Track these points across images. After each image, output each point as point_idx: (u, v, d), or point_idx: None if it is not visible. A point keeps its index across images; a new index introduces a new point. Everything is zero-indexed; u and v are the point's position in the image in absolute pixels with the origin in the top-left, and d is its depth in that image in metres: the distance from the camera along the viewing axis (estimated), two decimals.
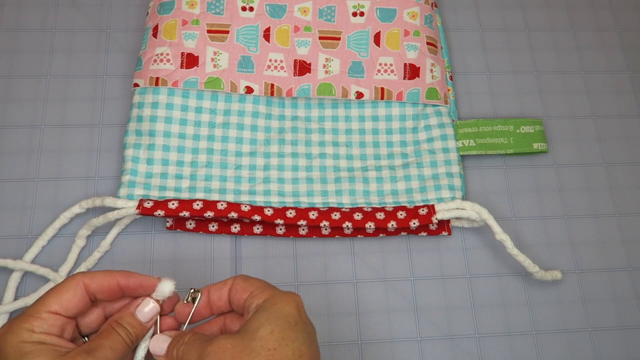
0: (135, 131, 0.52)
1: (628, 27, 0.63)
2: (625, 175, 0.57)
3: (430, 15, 0.58)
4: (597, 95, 0.60)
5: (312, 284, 0.51)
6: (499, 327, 0.51)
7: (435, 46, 0.57)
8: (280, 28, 0.56)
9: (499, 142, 0.55)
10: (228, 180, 0.52)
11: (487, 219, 0.50)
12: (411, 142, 0.54)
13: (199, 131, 0.53)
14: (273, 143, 0.54)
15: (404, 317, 0.50)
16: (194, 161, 0.52)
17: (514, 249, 0.49)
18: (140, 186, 0.51)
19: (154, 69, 0.54)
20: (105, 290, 0.36)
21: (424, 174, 0.53)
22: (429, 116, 0.55)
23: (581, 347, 0.50)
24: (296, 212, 0.50)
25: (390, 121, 0.55)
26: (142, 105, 0.53)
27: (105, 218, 0.49)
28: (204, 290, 0.38)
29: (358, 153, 0.54)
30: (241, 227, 0.51)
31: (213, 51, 0.55)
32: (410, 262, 0.52)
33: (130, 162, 0.51)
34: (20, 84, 0.56)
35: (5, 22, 0.58)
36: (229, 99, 0.54)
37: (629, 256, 0.54)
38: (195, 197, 0.50)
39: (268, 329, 0.33)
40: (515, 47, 0.61)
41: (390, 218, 0.50)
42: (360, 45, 0.56)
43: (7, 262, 0.48)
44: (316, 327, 0.50)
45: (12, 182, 0.53)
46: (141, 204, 0.48)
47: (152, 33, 0.55)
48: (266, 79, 0.55)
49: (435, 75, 0.56)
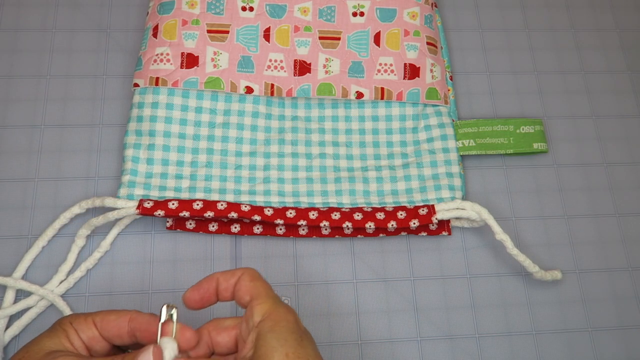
0: (135, 131, 0.53)
1: (628, 27, 0.63)
2: (625, 175, 0.57)
3: (430, 15, 0.58)
4: (597, 95, 0.60)
5: (312, 284, 0.51)
6: (499, 327, 0.51)
7: (435, 46, 0.57)
8: (280, 28, 0.56)
9: (499, 142, 0.55)
10: (228, 180, 0.52)
11: (487, 218, 0.50)
12: (411, 142, 0.54)
13: (199, 131, 0.53)
14: (273, 143, 0.54)
15: (404, 317, 0.50)
16: (194, 161, 0.52)
17: (514, 249, 0.49)
18: (140, 186, 0.51)
19: (154, 69, 0.54)
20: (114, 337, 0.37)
21: (424, 174, 0.53)
22: (429, 116, 0.55)
23: (581, 347, 0.50)
24: (296, 212, 0.50)
25: (390, 121, 0.55)
26: (142, 105, 0.53)
27: (105, 218, 0.49)
28: (213, 278, 0.38)
29: (358, 153, 0.54)
30: (241, 227, 0.52)
31: (213, 51, 0.55)
32: (410, 262, 0.52)
33: (130, 162, 0.51)
34: (20, 84, 0.56)
35: (5, 22, 0.58)
36: (229, 99, 0.54)
37: (629, 256, 0.54)
38: (195, 197, 0.50)
39: (282, 352, 0.34)
40: (515, 47, 0.61)
41: (390, 218, 0.50)
42: (360, 45, 0.56)
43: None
44: (316, 327, 0.50)
45: (12, 182, 0.53)
46: (141, 204, 0.48)
47: (152, 33, 0.55)
48: (266, 79, 0.55)
49: (435, 75, 0.56)
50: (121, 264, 0.51)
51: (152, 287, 0.50)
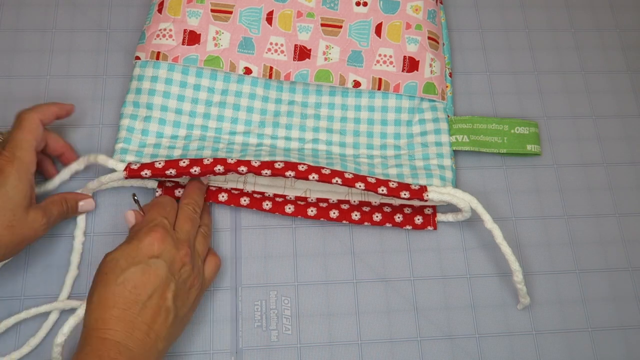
0: (132, 102, 0.53)
1: (628, 27, 0.63)
2: (625, 175, 0.57)
3: (434, 11, 0.58)
4: (597, 95, 0.60)
5: (312, 284, 0.51)
6: (499, 327, 0.51)
7: (436, 41, 0.57)
8: (284, 12, 0.56)
9: (493, 140, 0.55)
10: (220, 151, 0.52)
11: (475, 207, 0.49)
12: (404, 134, 0.55)
13: (195, 108, 0.54)
14: (267, 125, 0.54)
15: (404, 317, 0.50)
16: (188, 135, 0.53)
17: (503, 240, 0.49)
18: (132, 154, 0.51)
19: (156, 44, 0.54)
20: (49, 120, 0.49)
21: (416, 164, 0.53)
22: (424, 110, 0.55)
23: (581, 347, 0.50)
24: (284, 164, 0.49)
25: (386, 112, 0.55)
26: (142, 78, 0.54)
27: (98, 182, 0.49)
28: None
29: (351, 141, 0.54)
30: (251, 201, 0.52)
31: (215, 30, 0.55)
32: (410, 262, 0.52)
33: (125, 131, 0.52)
34: (20, 84, 0.56)
35: (5, 22, 0.58)
36: (227, 79, 0.55)
37: (629, 256, 0.54)
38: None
39: None
40: (515, 47, 0.61)
41: (381, 184, 0.49)
42: (361, 34, 0.56)
43: (42, 308, 0.48)
44: (316, 327, 0.50)
45: None
46: (128, 166, 0.49)
47: (157, 9, 0.56)
48: (265, 62, 0.55)
49: (435, 71, 0.56)
50: None
51: None
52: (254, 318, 0.50)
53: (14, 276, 0.49)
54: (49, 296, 0.49)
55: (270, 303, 0.50)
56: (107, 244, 0.51)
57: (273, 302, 0.50)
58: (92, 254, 0.51)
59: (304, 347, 0.49)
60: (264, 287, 0.51)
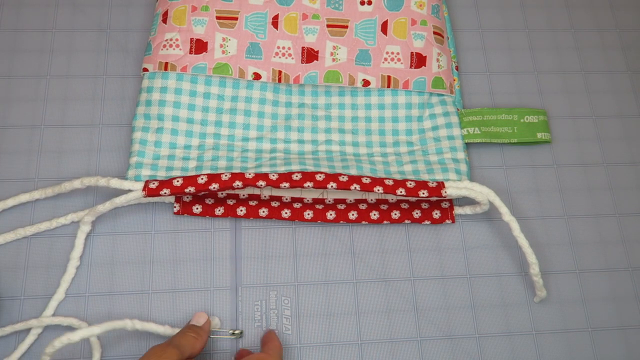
0: (143, 115, 0.53)
1: (628, 27, 0.63)
2: (625, 175, 0.57)
3: (437, 5, 0.58)
4: (597, 95, 0.60)
5: (312, 284, 0.51)
6: (499, 327, 0.51)
7: (441, 36, 0.57)
8: (289, 15, 0.56)
9: (504, 130, 0.55)
10: (235, 160, 0.52)
11: (493, 199, 0.49)
12: (416, 130, 0.55)
13: (206, 117, 0.54)
14: (280, 130, 0.54)
15: (404, 317, 0.50)
16: (202, 145, 0.53)
17: (520, 233, 0.49)
18: (148, 167, 0.51)
19: (163, 54, 0.54)
20: None
21: (430, 159, 0.53)
22: (434, 105, 0.55)
23: (581, 347, 0.50)
24: (302, 175, 0.49)
25: (397, 109, 0.55)
26: (151, 90, 0.54)
27: (112, 204, 0.48)
28: None
29: (364, 140, 0.54)
30: (247, 210, 0.52)
31: (222, 37, 0.55)
32: (410, 262, 0.52)
33: (138, 145, 0.52)
34: (20, 84, 0.56)
35: (5, 22, 0.58)
36: (236, 86, 0.55)
37: (629, 256, 0.54)
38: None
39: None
40: (515, 47, 0.61)
41: (399, 185, 0.49)
42: (368, 33, 0.56)
43: (31, 322, 0.47)
44: (316, 327, 0.50)
45: (12, 181, 0.53)
46: (147, 185, 0.48)
47: (161, 19, 0.56)
48: (274, 66, 0.55)
49: (442, 65, 0.56)
50: (121, 264, 0.51)
51: (152, 287, 0.50)
52: (254, 318, 0.50)
53: (14, 276, 0.49)
54: (49, 296, 0.49)
55: (270, 303, 0.50)
56: (106, 243, 0.51)
57: (273, 302, 0.50)
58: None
59: (304, 347, 0.49)
60: (264, 287, 0.51)
